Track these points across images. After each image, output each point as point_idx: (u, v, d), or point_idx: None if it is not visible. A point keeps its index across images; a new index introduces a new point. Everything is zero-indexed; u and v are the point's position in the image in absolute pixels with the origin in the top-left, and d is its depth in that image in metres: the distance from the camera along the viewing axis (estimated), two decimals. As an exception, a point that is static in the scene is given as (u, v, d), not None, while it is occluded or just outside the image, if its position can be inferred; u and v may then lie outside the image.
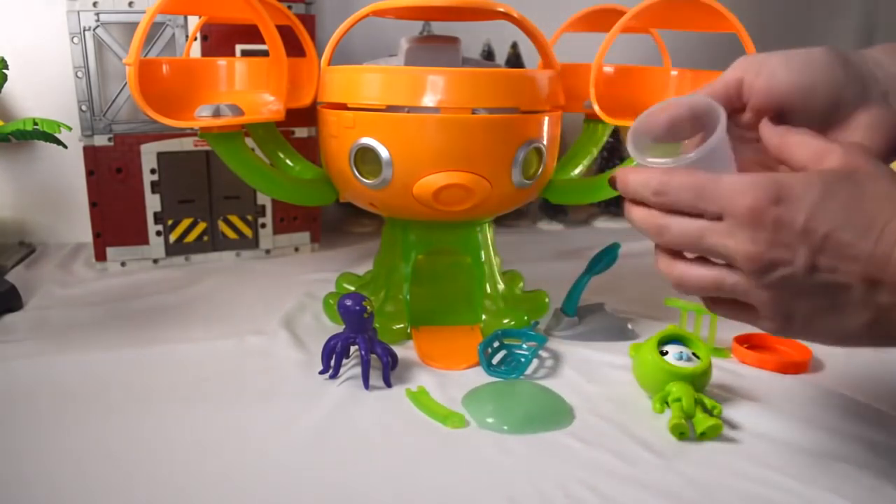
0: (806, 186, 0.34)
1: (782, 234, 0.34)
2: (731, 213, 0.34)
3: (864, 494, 0.40)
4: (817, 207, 0.33)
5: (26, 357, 0.57)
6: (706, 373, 0.50)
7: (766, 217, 0.34)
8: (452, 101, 0.54)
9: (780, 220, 0.33)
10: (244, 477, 0.41)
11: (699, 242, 0.36)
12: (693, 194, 0.36)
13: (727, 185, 0.35)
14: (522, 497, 0.40)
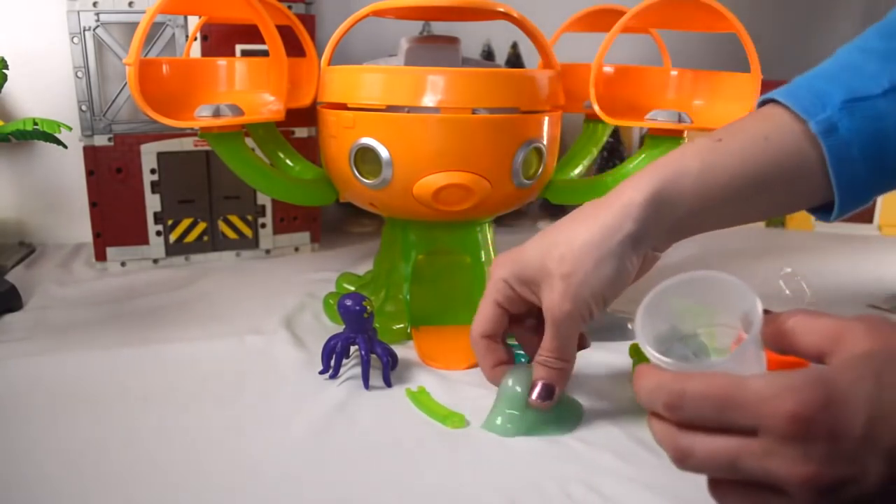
0: (856, 382, 0.27)
1: (841, 445, 0.27)
2: (770, 426, 0.27)
3: (864, 494, 0.40)
4: (877, 406, 0.27)
5: (26, 357, 0.57)
6: None
7: (816, 428, 0.27)
8: (452, 101, 0.54)
9: (836, 429, 0.27)
10: (244, 477, 0.41)
11: (734, 467, 0.29)
12: (716, 406, 0.29)
13: (757, 390, 0.28)
14: (522, 497, 0.40)
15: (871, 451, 0.27)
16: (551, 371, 0.45)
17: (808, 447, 0.27)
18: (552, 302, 0.43)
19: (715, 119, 0.61)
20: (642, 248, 0.43)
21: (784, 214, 0.45)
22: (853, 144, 0.41)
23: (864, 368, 0.28)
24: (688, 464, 0.30)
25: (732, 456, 0.29)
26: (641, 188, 0.42)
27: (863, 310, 0.72)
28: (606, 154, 1.04)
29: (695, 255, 0.91)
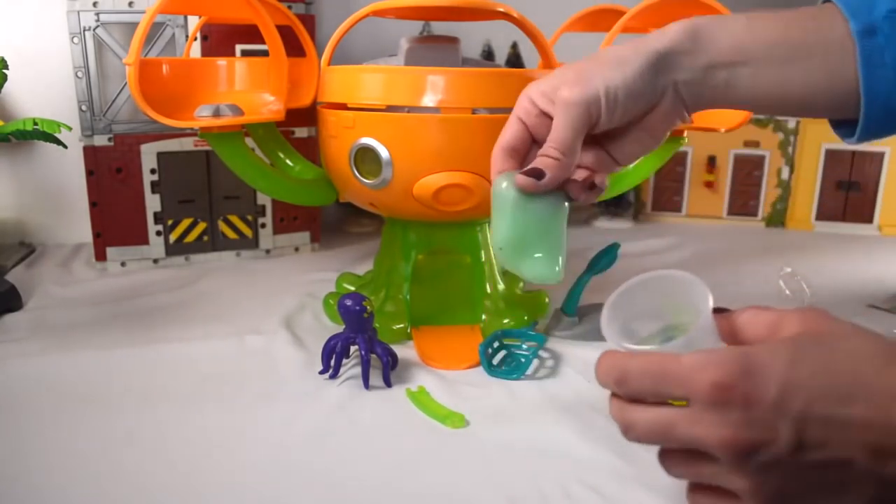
0: (773, 354, 0.31)
1: (756, 411, 0.30)
2: (697, 395, 0.31)
3: (864, 494, 0.40)
4: (790, 375, 0.30)
5: (26, 357, 0.57)
6: None
7: (734, 394, 0.30)
8: (452, 101, 0.54)
9: (751, 395, 0.30)
10: (244, 477, 0.41)
11: (670, 436, 0.32)
12: (654, 380, 0.32)
13: (687, 364, 0.31)
14: (522, 497, 0.40)
15: (781, 417, 0.29)
16: (545, 158, 0.44)
17: (726, 413, 0.30)
18: (563, 90, 0.42)
19: (715, 119, 0.61)
20: (669, 74, 0.43)
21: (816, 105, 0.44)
22: (887, 50, 0.41)
23: (782, 346, 0.31)
24: (631, 434, 0.34)
25: (667, 425, 0.32)
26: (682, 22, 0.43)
27: (863, 310, 0.72)
28: (606, 154, 1.04)
29: (695, 255, 0.91)
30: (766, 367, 0.30)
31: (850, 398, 0.29)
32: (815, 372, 0.30)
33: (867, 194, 1.04)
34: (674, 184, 1.09)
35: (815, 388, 0.30)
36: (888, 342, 0.31)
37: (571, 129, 0.43)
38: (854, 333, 0.32)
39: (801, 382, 0.30)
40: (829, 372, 0.30)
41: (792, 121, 1.04)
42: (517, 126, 0.46)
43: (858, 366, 0.30)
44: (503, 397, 0.52)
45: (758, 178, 1.07)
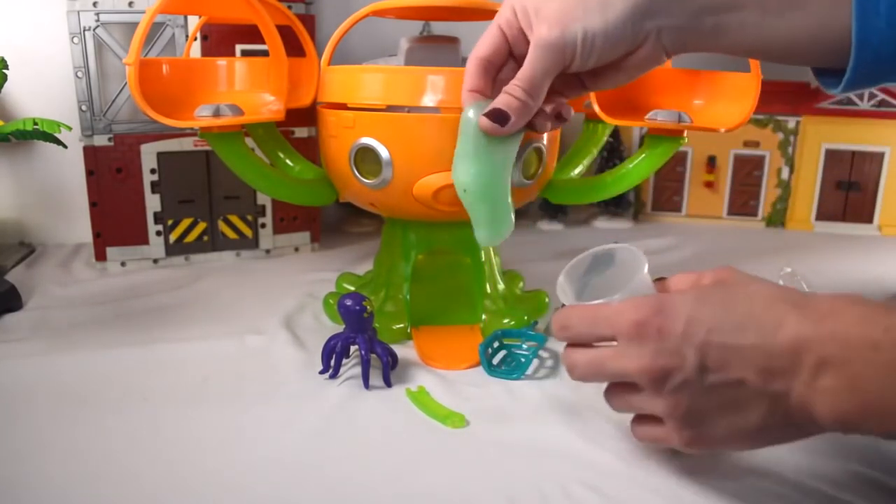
0: (682, 297, 0.36)
1: (667, 341, 0.35)
2: (620, 332, 0.37)
3: (864, 492, 0.40)
4: (694, 311, 0.35)
5: (26, 357, 0.57)
6: None
7: (649, 329, 0.36)
8: (452, 101, 0.54)
9: (662, 328, 0.35)
10: (244, 477, 0.41)
11: (603, 370, 0.39)
12: (588, 323, 0.39)
13: (615, 309, 0.38)
14: (522, 497, 0.40)
15: (687, 345, 0.35)
16: (511, 98, 0.44)
17: (644, 345, 0.36)
18: (541, 26, 0.42)
19: (715, 119, 0.61)
20: (654, 19, 0.42)
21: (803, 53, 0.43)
22: (882, 1, 0.40)
23: (690, 291, 0.38)
24: (575, 373, 0.40)
25: (600, 361, 0.38)
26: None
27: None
28: (606, 154, 1.04)
29: (695, 255, 0.91)
30: (675, 306, 0.36)
31: (742, 328, 0.34)
32: (716, 309, 0.35)
33: (867, 194, 1.04)
34: (674, 184, 1.09)
35: (714, 321, 0.35)
36: (780, 287, 0.36)
37: (542, 70, 0.43)
38: (753, 281, 0.37)
39: (703, 317, 0.35)
40: (726, 309, 0.35)
41: (792, 120, 1.04)
42: (497, 37, 0.45)
43: (751, 303, 0.35)
44: (503, 397, 0.52)
45: (758, 178, 1.07)
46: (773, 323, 0.34)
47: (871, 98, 1.01)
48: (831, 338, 0.33)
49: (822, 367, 0.33)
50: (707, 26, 0.43)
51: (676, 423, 0.37)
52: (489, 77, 0.46)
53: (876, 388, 0.32)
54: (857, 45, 0.41)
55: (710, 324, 0.35)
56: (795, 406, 0.34)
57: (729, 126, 0.60)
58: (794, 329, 0.33)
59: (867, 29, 0.40)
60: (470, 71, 0.46)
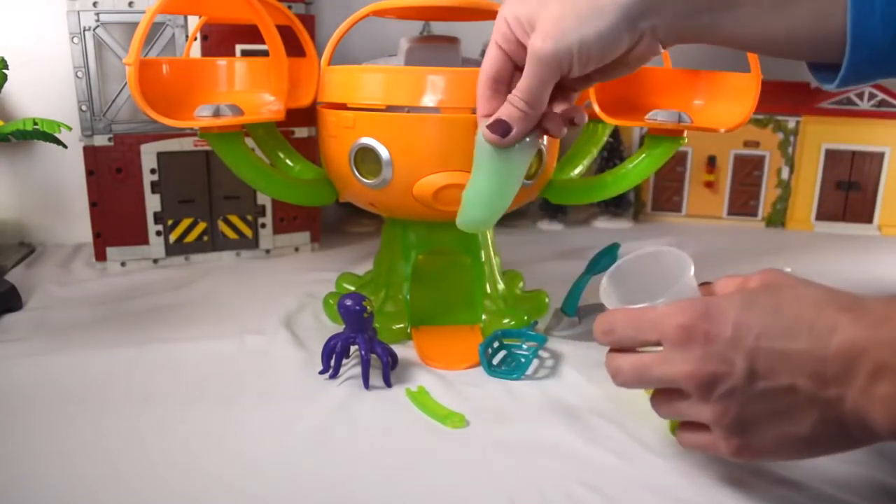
0: (729, 300, 0.36)
1: (714, 346, 0.35)
2: (666, 336, 0.36)
3: (865, 493, 0.40)
4: (742, 315, 0.35)
5: (26, 357, 0.57)
6: None
7: (696, 334, 0.35)
8: (452, 101, 0.54)
9: (710, 333, 0.35)
10: (244, 477, 0.41)
11: (648, 376, 0.38)
12: (633, 327, 0.38)
13: (660, 312, 0.37)
14: (522, 497, 0.40)
15: (736, 351, 0.34)
16: (513, 109, 0.44)
17: (690, 350, 0.35)
18: (536, 38, 0.42)
19: (715, 119, 0.61)
20: (648, 19, 0.42)
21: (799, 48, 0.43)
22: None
23: (737, 295, 0.36)
24: (619, 378, 0.39)
25: (645, 367, 0.38)
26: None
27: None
28: (606, 154, 1.04)
29: (695, 255, 0.90)
30: (722, 310, 0.35)
31: (793, 334, 0.34)
32: (764, 313, 0.34)
33: (867, 194, 1.04)
34: (674, 184, 1.09)
35: (763, 326, 0.34)
36: (829, 289, 0.35)
37: (539, 82, 0.43)
38: (801, 284, 0.36)
39: (751, 322, 0.34)
40: (776, 313, 0.34)
41: (792, 121, 1.04)
42: (498, 54, 0.45)
43: (801, 307, 0.34)
44: (503, 397, 0.52)
45: (758, 178, 1.07)
46: (825, 327, 0.33)
47: (871, 98, 1.01)
48: (889, 343, 0.32)
49: (880, 374, 0.32)
50: (702, 23, 0.42)
51: (724, 431, 0.36)
52: (500, 95, 0.46)
53: None
54: (851, 42, 0.41)
55: (758, 328, 0.34)
56: (850, 413, 0.33)
57: (729, 126, 0.60)
58: (848, 334, 0.32)
59: (862, 25, 0.40)
60: (480, 95, 0.46)
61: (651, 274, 0.43)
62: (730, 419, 0.35)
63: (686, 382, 0.36)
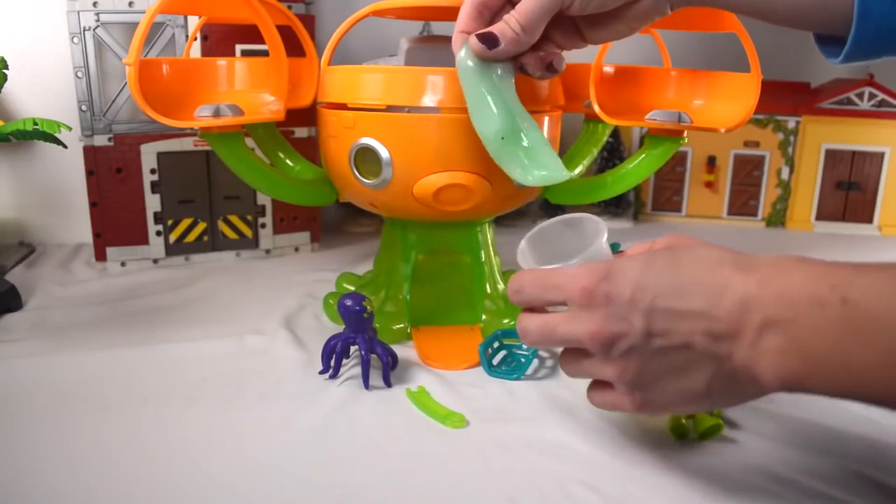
0: (630, 262, 0.37)
1: (614, 307, 0.36)
2: (570, 297, 0.38)
3: (865, 493, 0.40)
4: (641, 277, 0.36)
5: (26, 357, 0.57)
6: None
7: (597, 295, 0.36)
8: (452, 101, 0.54)
9: (610, 294, 0.36)
10: (244, 477, 0.41)
11: (554, 336, 0.39)
12: (540, 288, 0.39)
13: (567, 273, 0.38)
14: (522, 497, 0.40)
15: (634, 311, 0.35)
16: (506, 27, 0.44)
17: (592, 311, 0.36)
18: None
19: (715, 119, 0.61)
20: None
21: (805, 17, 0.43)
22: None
23: (639, 257, 0.37)
24: (528, 338, 0.40)
25: (552, 327, 0.39)
26: None
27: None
28: (606, 154, 1.04)
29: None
30: (623, 272, 0.36)
31: (688, 293, 0.35)
32: (662, 274, 0.36)
33: (867, 194, 1.04)
34: (674, 184, 1.09)
35: (660, 287, 0.35)
36: (727, 250, 0.36)
37: (539, 8, 0.43)
38: (701, 245, 0.37)
39: (649, 282, 0.35)
40: (673, 273, 0.35)
41: (792, 121, 1.04)
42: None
43: (697, 268, 0.35)
44: (503, 397, 0.52)
45: (758, 178, 1.07)
46: (719, 286, 0.34)
47: (871, 98, 1.01)
48: (777, 298, 0.32)
49: (767, 328, 0.33)
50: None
51: (626, 387, 0.38)
52: (482, 19, 0.46)
53: (822, 347, 0.31)
54: (858, 16, 0.41)
55: (656, 289, 0.35)
56: (741, 368, 0.34)
57: (729, 126, 0.60)
58: (739, 291, 0.33)
59: (869, 0, 0.40)
60: (464, 12, 0.46)
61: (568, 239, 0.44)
62: (630, 376, 0.37)
63: (589, 342, 0.37)
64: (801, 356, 0.32)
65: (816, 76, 1.09)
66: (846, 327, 0.31)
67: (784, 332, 0.32)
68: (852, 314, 0.30)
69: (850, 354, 0.31)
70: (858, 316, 0.30)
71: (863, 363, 0.31)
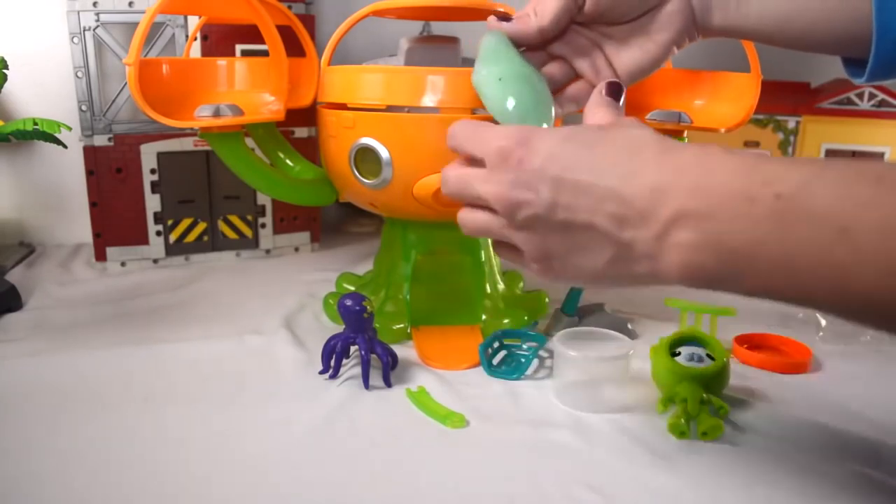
0: (551, 133, 0.36)
1: (524, 174, 0.35)
2: (486, 156, 0.37)
3: (864, 494, 0.40)
4: (557, 147, 0.35)
5: (26, 357, 0.57)
6: (719, 375, 0.49)
7: (511, 158, 0.36)
8: (452, 101, 0.54)
9: (522, 160, 0.35)
10: (244, 476, 0.41)
11: (466, 189, 0.39)
12: (467, 137, 0.39)
13: (491, 131, 0.38)
14: (522, 497, 0.40)
15: (542, 180, 0.35)
16: (522, 11, 0.46)
17: (504, 173, 0.36)
18: None
19: (715, 119, 0.61)
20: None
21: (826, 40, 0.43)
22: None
23: (564, 129, 0.36)
24: (445, 187, 0.40)
25: (467, 180, 0.38)
26: None
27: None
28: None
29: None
30: (541, 139, 0.36)
31: (599, 170, 0.34)
32: (580, 147, 0.35)
33: (867, 194, 1.04)
34: (674, 184, 1.09)
35: (572, 160, 0.34)
36: (657, 134, 0.35)
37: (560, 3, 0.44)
38: (637, 126, 0.36)
39: (563, 154, 0.35)
40: (591, 148, 0.35)
41: (792, 121, 1.04)
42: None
43: (619, 146, 0.34)
44: (503, 397, 0.52)
45: (758, 178, 1.07)
46: (633, 168, 0.33)
47: (871, 98, 1.01)
48: (695, 189, 0.31)
49: (679, 221, 0.31)
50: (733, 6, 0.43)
51: (530, 254, 0.38)
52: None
53: (746, 243, 0.30)
54: (878, 34, 0.40)
55: (567, 161, 0.34)
56: (639, 257, 0.33)
57: (729, 126, 0.60)
58: (652, 177, 0.32)
59: (887, 14, 0.39)
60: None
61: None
62: (533, 245, 0.37)
63: (495, 203, 0.37)
64: (716, 252, 0.31)
65: (816, 76, 1.09)
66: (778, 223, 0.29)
67: (698, 226, 0.31)
68: (786, 210, 0.29)
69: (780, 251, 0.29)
70: (793, 211, 0.29)
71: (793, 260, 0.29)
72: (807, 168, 0.30)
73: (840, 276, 0.28)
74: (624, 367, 0.50)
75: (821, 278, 0.29)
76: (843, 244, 0.28)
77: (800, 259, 0.29)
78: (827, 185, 0.29)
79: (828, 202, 0.28)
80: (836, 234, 0.28)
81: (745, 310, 0.59)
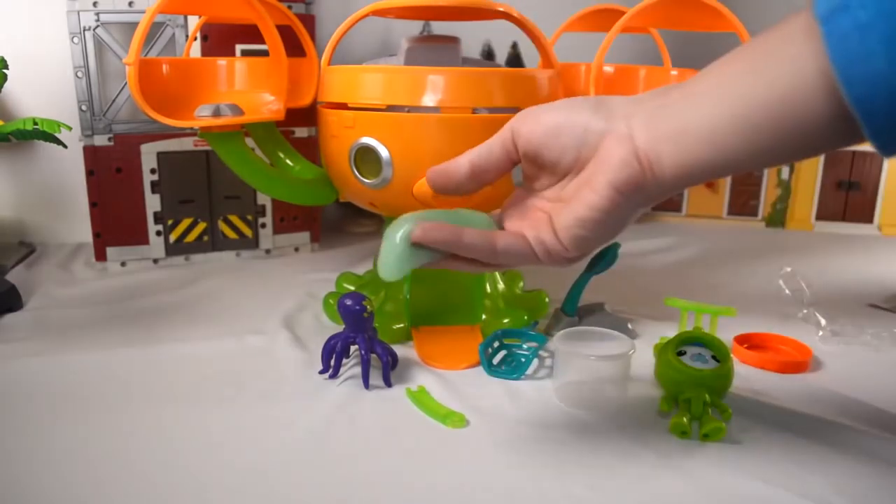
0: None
1: None
2: None
3: (864, 493, 0.40)
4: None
5: (26, 357, 0.57)
6: (723, 377, 0.49)
7: None
8: (452, 100, 0.54)
9: None
10: (244, 476, 0.41)
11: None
12: None
13: None
14: (522, 497, 0.40)
15: None
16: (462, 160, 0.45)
17: None
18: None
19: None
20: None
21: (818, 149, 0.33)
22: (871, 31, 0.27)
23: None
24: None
25: None
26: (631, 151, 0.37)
27: (863, 309, 0.72)
28: (606, 154, 1.04)
29: (695, 255, 0.91)
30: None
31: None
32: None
33: (867, 194, 1.04)
34: (674, 184, 1.09)
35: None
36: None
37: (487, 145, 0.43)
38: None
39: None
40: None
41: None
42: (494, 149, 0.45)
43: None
44: (503, 397, 0.52)
45: (758, 178, 1.07)
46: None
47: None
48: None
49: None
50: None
51: None
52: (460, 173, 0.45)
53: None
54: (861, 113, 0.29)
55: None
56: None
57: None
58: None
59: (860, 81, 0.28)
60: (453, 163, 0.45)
61: None
62: None
63: None
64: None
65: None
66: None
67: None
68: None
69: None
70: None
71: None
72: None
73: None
74: (624, 366, 0.50)
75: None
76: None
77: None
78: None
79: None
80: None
81: (745, 310, 0.59)
